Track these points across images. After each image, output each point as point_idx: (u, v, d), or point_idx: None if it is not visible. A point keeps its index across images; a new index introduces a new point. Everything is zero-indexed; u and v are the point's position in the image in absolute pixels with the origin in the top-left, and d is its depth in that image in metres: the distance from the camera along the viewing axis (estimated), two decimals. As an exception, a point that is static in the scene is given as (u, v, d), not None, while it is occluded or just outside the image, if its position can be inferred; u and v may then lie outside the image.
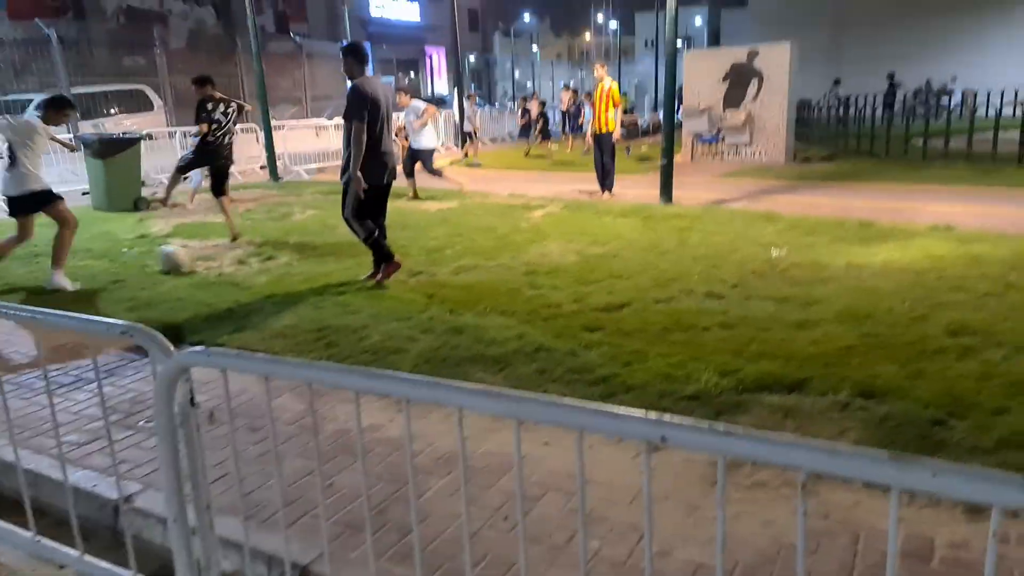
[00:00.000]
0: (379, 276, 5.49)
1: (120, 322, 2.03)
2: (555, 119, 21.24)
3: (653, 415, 1.29)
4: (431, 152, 10.31)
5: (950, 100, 22.02)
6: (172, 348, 1.94)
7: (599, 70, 9.92)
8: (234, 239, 7.44)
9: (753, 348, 3.87)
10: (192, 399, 1.94)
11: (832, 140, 15.10)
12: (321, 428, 3.19)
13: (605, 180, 9.87)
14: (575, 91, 19.90)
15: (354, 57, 5.16)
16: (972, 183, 9.76)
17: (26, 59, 13.55)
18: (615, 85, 9.69)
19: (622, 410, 1.31)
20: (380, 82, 5.45)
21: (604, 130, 9.60)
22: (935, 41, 33.20)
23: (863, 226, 7.02)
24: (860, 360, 3.64)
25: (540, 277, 5.59)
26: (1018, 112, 13.82)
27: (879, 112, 15.72)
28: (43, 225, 6.21)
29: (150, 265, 6.49)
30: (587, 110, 18.23)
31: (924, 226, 6.89)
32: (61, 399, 3.63)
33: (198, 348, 1.91)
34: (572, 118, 18.14)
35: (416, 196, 9.99)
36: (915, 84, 24.54)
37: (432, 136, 10.39)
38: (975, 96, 13.58)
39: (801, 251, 6.11)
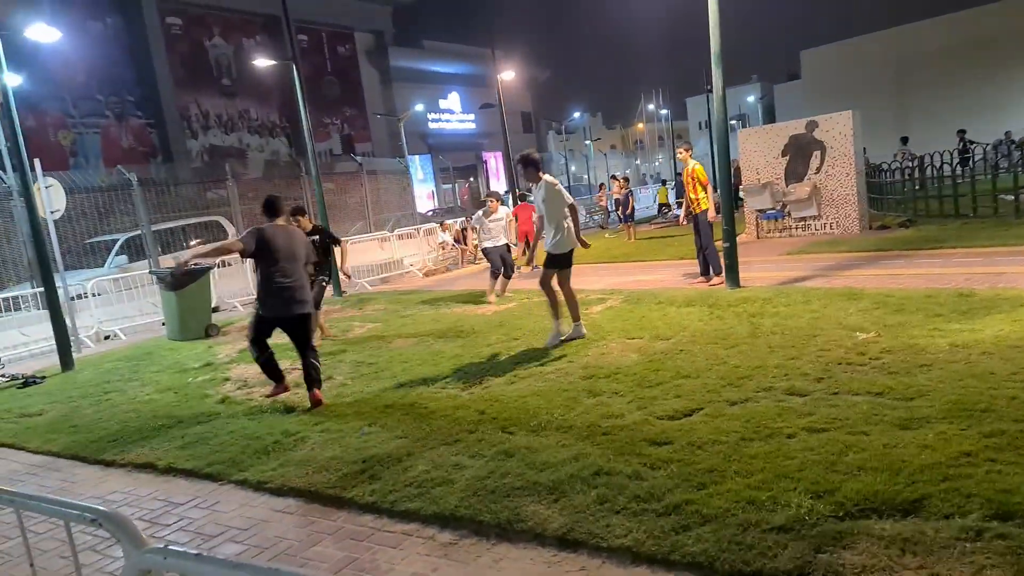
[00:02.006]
0: (269, 393, 5.93)
1: (94, 507, 1.80)
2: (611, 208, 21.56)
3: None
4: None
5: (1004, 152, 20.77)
6: (143, 538, 1.66)
7: (682, 153, 9.65)
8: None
9: (850, 458, 3.30)
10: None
11: (909, 204, 14.27)
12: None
13: (708, 264, 9.21)
14: (625, 179, 19.99)
15: (264, 210, 5.93)
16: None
17: (112, 202, 14.64)
18: (699, 165, 9.35)
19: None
20: (291, 231, 6.06)
21: (696, 211, 9.14)
22: (1006, 92, 32.06)
23: (961, 297, 6.31)
24: (986, 469, 3.02)
25: (599, 382, 5.18)
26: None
27: (956, 170, 14.89)
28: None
29: (210, 395, 6.47)
30: (632, 198, 18.60)
31: (1031, 293, 6.13)
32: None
33: (157, 548, 1.62)
34: (623, 207, 18.21)
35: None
36: (990, 138, 23.41)
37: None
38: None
39: (892, 332, 5.47)
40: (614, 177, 21.26)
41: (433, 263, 15.99)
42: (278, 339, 5.79)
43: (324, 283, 8.30)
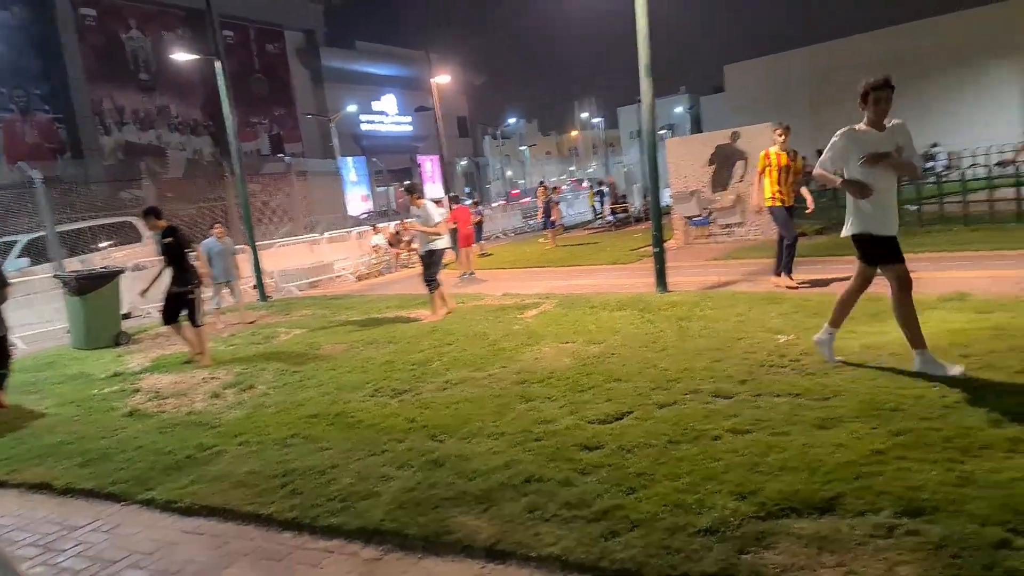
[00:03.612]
0: None
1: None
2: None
3: None
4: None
5: (936, 165, 22.21)
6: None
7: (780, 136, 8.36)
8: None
9: (771, 459, 3.37)
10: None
11: (824, 212, 14.95)
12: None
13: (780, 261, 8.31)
14: (545, 187, 20.15)
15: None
16: (975, 247, 9.37)
17: (12, 201, 13.69)
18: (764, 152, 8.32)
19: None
20: None
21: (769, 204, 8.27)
22: (912, 109, 34.12)
23: (870, 301, 6.55)
24: (896, 466, 3.14)
25: (533, 387, 5.15)
26: (995, 170, 13.70)
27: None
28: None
29: (117, 408, 6.08)
30: (555, 205, 18.78)
31: (934, 296, 6.47)
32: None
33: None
34: (545, 214, 18.38)
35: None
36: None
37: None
38: (959, 158, 13.55)
39: (810, 335, 5.63)
40: (542, 183, 21.49)
41: (366, 267, 15.69)
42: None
43: (191, 295, 7.47)
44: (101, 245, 14.89)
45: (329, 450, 4.30)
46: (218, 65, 12.85)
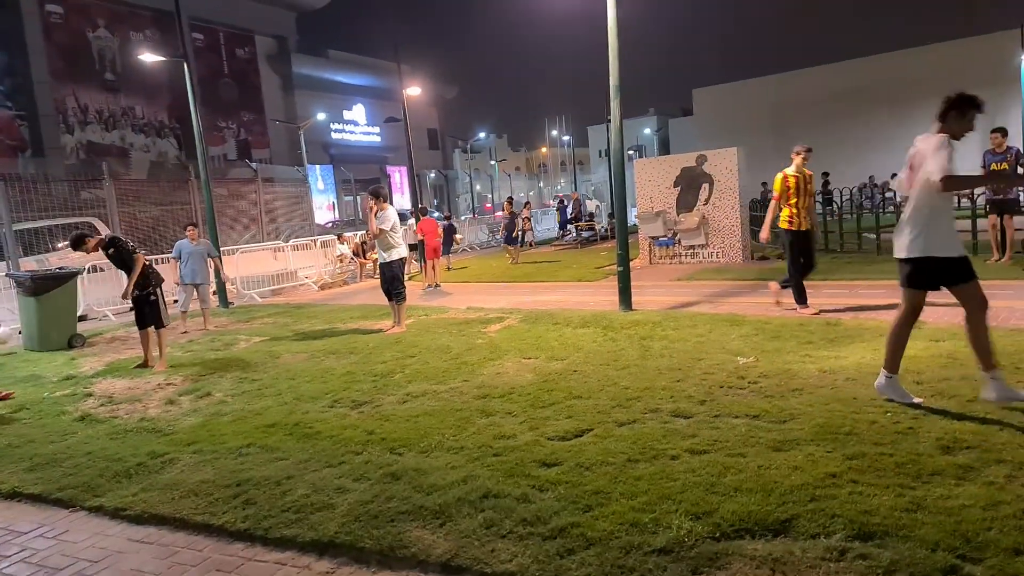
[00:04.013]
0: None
1: None
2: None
3: None
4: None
5: (895, 195, 22.94)
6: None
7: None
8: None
9: (728, 480, 3.41)
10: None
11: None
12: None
13: (793, 289, 7.82)
14: (510, 201, 20.17)
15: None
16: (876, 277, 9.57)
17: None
18: (781, 173, 7.80)
19: None
20: None
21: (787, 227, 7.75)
22: (872, 138, 35.34)
23: (829, 326, 6.78)
24: (849, 490, 3.20)
25: (493, 401, 5.13)
26: (963, 202, 14.18)
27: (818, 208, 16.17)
28: None
29: (68, 412, 5.89)
30: (519, 222, 18.79)
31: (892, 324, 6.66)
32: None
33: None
34: (507, 230, 18.12)
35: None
36: (856, 180, 25.68)
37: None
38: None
39: (769, 357, 5.79)
40: (509, 199, 21.59)
41: (330, 276, 15.51)
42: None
43: (152, 296, 7.50)
44: (59, 245, 14.45)
45: (285, 460, 4.22)
46: (186, 67, 12.65)
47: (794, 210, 7.64)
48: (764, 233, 7.89)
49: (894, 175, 25.26)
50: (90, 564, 3.33)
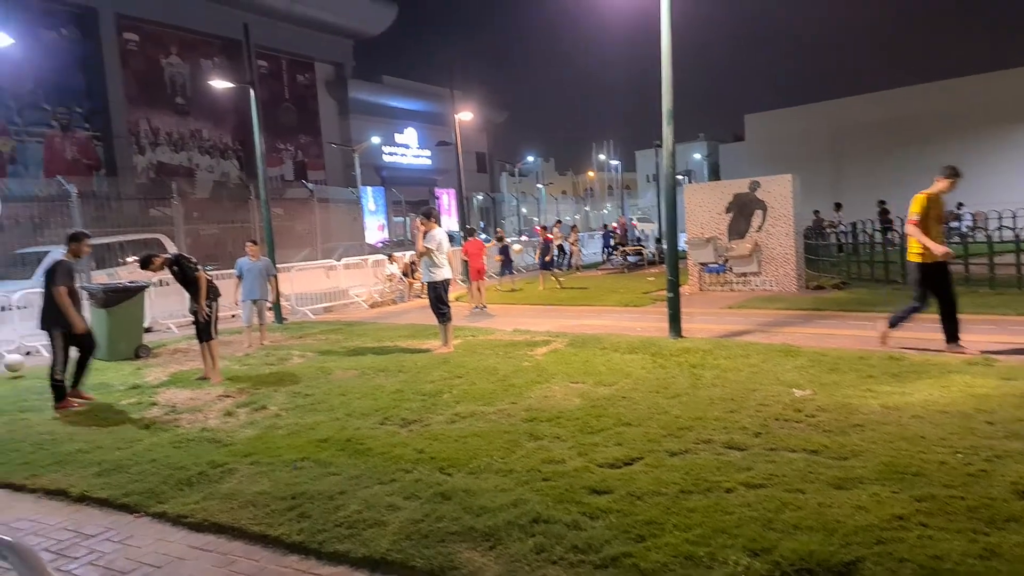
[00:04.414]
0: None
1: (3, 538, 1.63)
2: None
3: None
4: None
5: (960, 224, 22.12)
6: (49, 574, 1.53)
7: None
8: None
9: (787, 516, 3.32)
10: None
11: (843, 266, 14.92)
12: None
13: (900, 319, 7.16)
14: (543, 227, 19.81)
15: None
16: (1001, 311, 9.15)
17: (48, 213, 13.99)
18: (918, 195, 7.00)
19: None
20: None
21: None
22: (931, 167, 34.26)
23: (892, 360, 6.55)
24: (918, 533, 3.07)
25: (541, 425, 5.12)
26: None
27: (875, 237, 15.75)
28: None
29: (134, 419, 6.13)
30: (553, 247, 18.51)
31: (959, 359, 6.40)
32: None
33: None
34: (542, 254, 17.66)
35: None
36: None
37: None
38: (986, 219, 13.47)
39: (827, 391, 5.62)
40: (558, 222, 21.60)
41: (380, 295, 15.77)
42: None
43: (207, 310, 7.80)
44: (128, 259, 15.11)
45: (338, 476, 4.29)
46: (252, 94, 13.17)
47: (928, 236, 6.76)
48: (940, 248, 6.74)
49: (960, 204, 24.29)
50: (153, 569, 3.44)
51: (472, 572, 3.04)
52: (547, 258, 17.63)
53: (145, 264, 7.93)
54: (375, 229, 37.50)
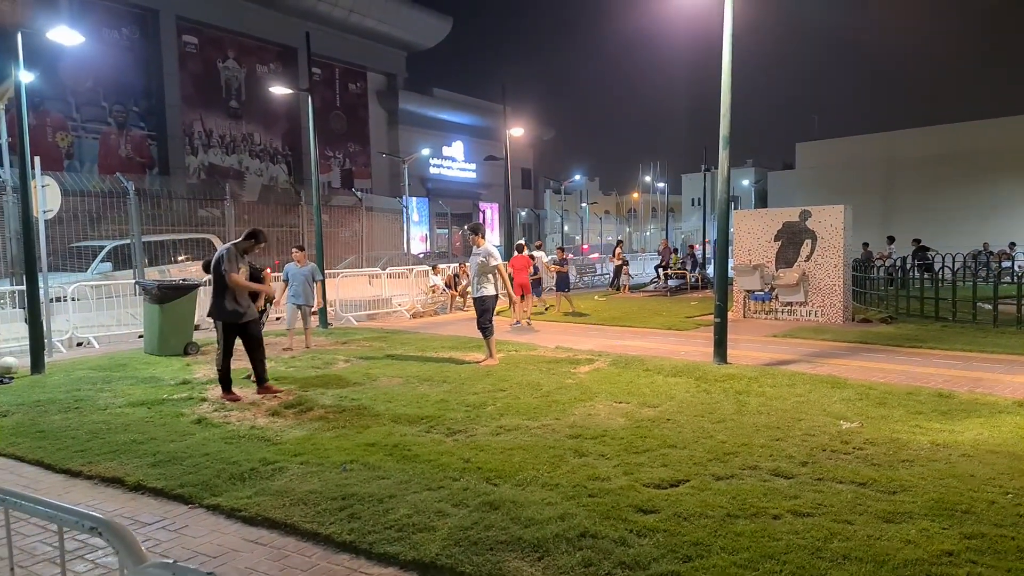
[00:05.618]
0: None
1: (94, 515, 1.76)
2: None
3: None
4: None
5: (1013, 263, 21.47)
6: (144, 553, 1.63)
7: None
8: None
9: (835, 546, 3.31)
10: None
11: (891, 300, 14.61)
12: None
13: None
14: (561, 249, 18.63)
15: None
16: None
17: (104, 208, 14.56)
18: None
19: None
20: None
21: None
22: (986, 203, 33.34)
23: (941, 397, 6.43)
24: (967, 570, 3.05)
25: (586, 442, 5.16)
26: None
27: (912, 274, 15.37)
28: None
29: (185, 414, 6.35)
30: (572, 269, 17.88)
31: (1010, 400, 6.26)
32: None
33: (164, 563, 1.59)
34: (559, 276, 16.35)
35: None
36: (966, 248, 24.29)
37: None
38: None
39: (874, 424, 5.55)
40: (620, 242, 21.53)
41: (422, 305, 15.98)
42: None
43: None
44: (179, 258, 15.62)
45: (387, 480, 4.40)
46: (309, 101, 13.57)
47: None
48: None
49: (1012, 244, 23.58)
50: (208, 559, 3.57)
51: (520, 581, 3.10)
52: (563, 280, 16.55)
53: (208, 268, 8.13)
54: (418, 240, 38.00)
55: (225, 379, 7.03)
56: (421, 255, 30.16)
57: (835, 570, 3.07)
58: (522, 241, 15.75)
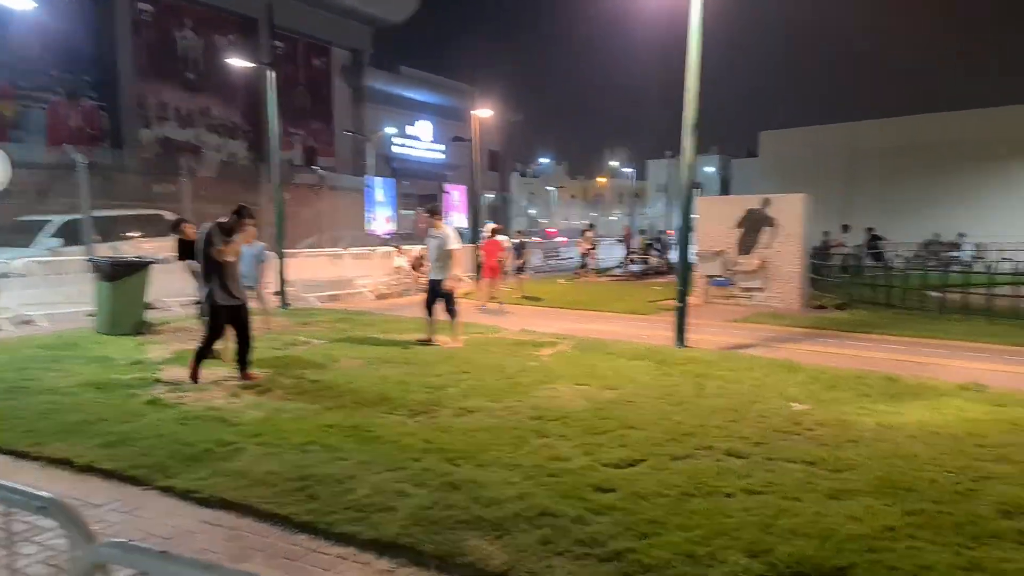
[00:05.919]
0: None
1: (42, 494, 1.72)
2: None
3: None
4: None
5: (961, 255, 22.24)
6: (92, 534, 1.60)
7: None
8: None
9: (784, 522, 3.43)
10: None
11: (844, 288, 15.03)
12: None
13: None
14: (520, 232, 18.95)
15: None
16: (996, 340, 9.33)
17: (52, 181, 14.04)
18: None
19: None
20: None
21: None
22: (941, 194, 34.39)
23: (888, 381, 6.67)
24: (907, 544, 3.19)
25: (548, 424, 5.22)
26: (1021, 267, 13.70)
27: (866, 262, 15.87)
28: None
29: (138, 395, 6.20)
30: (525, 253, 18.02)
31: (953, 384, 6.53)
32: None
33: (116, 542, 1.57)
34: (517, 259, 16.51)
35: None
36: (921, 237, 25.06)
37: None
38: (986, 250, 13.60)
39: (825, 407, 5.73)
40: (590, 227, 21.69)
41: (386, 287, 15.86)
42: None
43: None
44: (131, 234, 15.17)
45: (346, 460, 4.38)
46: (270, 75, 13.25)
47: None
48: None
49: (961, 234, 24.35)
50: (162, 540, 3.52)
51: (480, 559, 3.13)
52: (520, 263, 16.74)
53: (175, 228, 8.31)
54: (382, 220, 37.63)
55: (202, 360, 6.76)
56: (387, 235, 29.89)
57: (783, 544, 3.18)
58: (493, 224, 15.63)
